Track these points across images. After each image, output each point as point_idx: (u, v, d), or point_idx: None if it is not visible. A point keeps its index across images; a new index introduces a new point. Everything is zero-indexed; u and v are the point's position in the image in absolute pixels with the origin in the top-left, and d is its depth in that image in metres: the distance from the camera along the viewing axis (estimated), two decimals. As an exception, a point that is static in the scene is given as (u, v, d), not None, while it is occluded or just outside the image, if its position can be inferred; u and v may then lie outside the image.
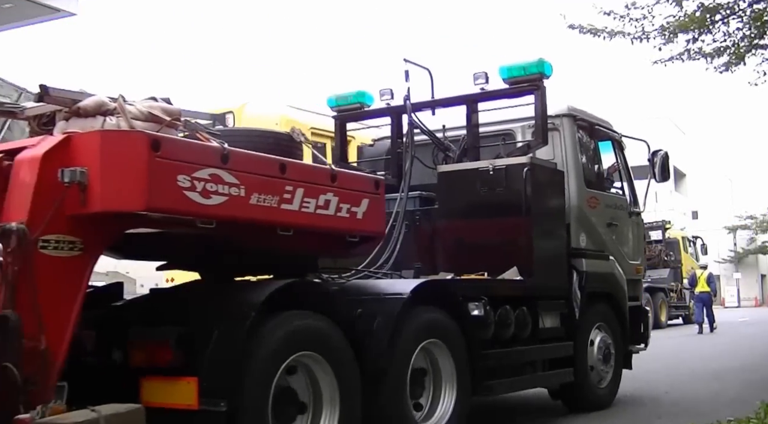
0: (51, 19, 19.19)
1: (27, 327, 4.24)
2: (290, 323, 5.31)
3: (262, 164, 5.27)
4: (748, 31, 12.54)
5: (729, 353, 16.15)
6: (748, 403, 7.45)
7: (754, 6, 12.14)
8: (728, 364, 13.07)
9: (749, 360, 14.34)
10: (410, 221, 8.14)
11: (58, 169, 4.50)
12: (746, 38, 12.60)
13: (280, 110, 13.30)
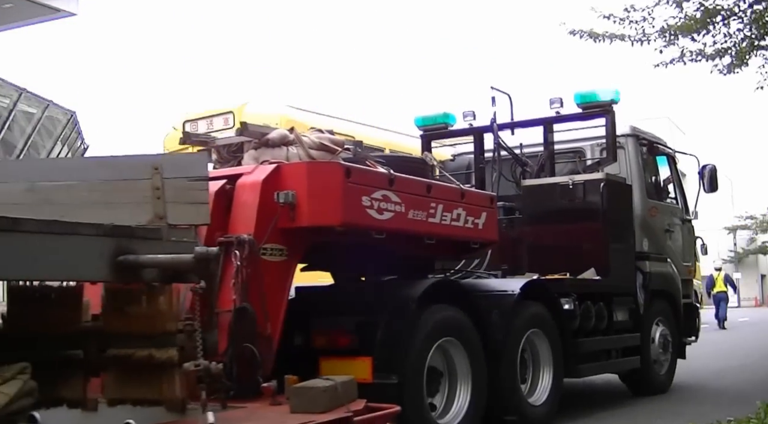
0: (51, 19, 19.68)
1: (273, 321, 5.49)
2: (437, 313, 6.56)
3: (415, 186, 6.53)
4: (749, 32, 12.34)
5: (729, 353, 15.75)
6: (748, 403, 7.30)
7: (754, 7, 11.97)
8: (728, 364, 12.90)
9: (749, 360, 14.21)
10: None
11: (274, 192, 5.74)
12: (747, 39, 12.40)
13: (280, 110, 12.98)
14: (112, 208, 4.87)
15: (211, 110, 13.19)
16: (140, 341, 4.55)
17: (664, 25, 12.15)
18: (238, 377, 5.28)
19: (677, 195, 11.07)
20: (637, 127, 10.23)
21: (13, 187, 5.00)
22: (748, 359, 14.47)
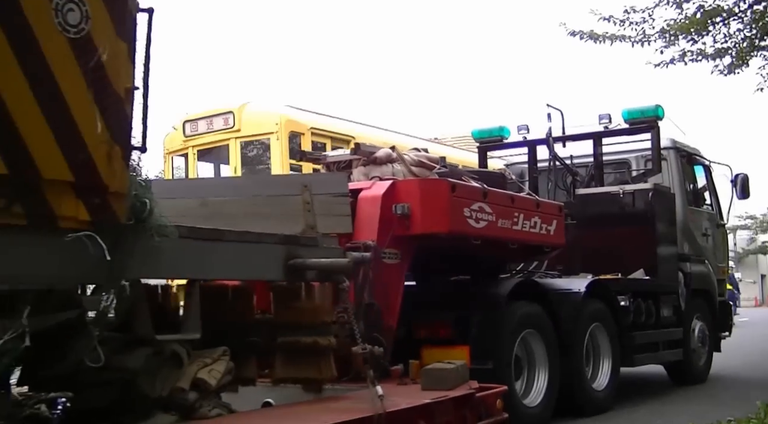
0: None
1: (386, 314, 6.47)
2: (521, 309, 7.55)
3: (502, 198, 7.52)
4: (749, 32, 12.42)
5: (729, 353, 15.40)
6: (748, 403, 7.31)
7: (754, 7, 12.09)
8: (728, 363, 12.75)
9: (749, 359, 14.19)
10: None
11: (391, 205, 6.72)
12: (747, 40, 12.50)
13: (280, 110, 13.07)
14: (271, 219, 5.86)
15: (211, 110, 13.36)
16: (304, 330, 5.54)
17: (664, 26, 12.23)
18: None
19: (712, 201, 12.05)
20: (676, 139, 11.19)
21: (189, 202, 6.00)
22: (748, 358, 14.42)
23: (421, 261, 8.18)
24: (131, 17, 4.37)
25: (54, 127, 3.96)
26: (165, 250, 4.48)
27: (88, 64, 4.11)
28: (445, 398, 5.53)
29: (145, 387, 4.61)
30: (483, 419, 5.87)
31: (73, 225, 4.08)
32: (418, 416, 5.24)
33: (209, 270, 4.98)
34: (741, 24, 12.43)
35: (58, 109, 3.98)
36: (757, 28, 12.27)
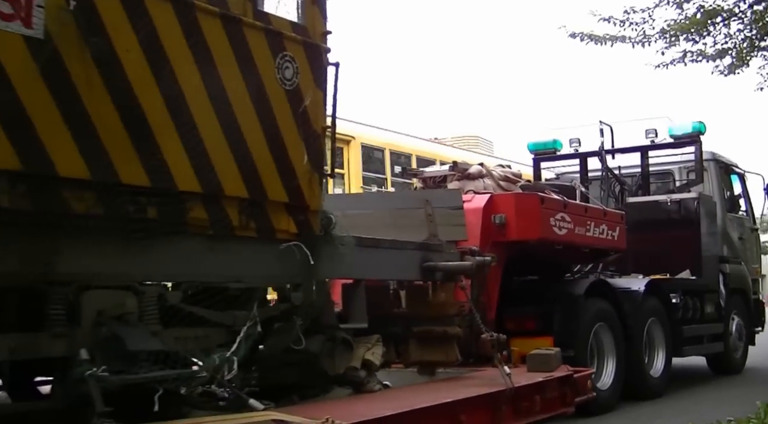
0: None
1: (487, 308, 7.59)
2: (595, 305, 8.68)
3: (579, 208, 8.65)
4: (749, 32, 12.43)
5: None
6: (748, 403, 7.35)
7: (754, 7, 12.13)
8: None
9: (750, 359, 13.84)
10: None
11: (490, 215, 7.85)
12: (747, 40, 12.51)
13: None
14: (399, 229, 6.97)
15: None
16: (434, 321, 6.67)
17: (664, 26, 12.23)
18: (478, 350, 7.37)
19: (747, 208, 13.17)
20: (715, 152, 12.31)
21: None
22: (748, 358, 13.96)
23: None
24: (325, 71, 5.52)
25: (277, 161, 5.12)
26: (344, 255, 5.62)
27: (298, 109, 5.27)
28: (552, 378, 6.66)
29: (326, 366, 5.73)
30: (578, 396, 6.99)
31: (285, 236, 5.23)
32: (534, 392, 6.38)
33: (371, 271, 6.13)
34: (741, 24, 12.46)
35: (280, 146, 5.13)
36: (757, 29, 12.32)
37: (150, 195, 4.36)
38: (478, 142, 25.22)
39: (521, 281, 9.30)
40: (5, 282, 3.80)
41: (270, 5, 5.28)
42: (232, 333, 4.87)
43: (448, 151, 16.88)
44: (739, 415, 6.82)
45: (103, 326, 4.11)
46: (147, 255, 4.37)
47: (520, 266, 9.39)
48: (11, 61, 3.75)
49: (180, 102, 4.51)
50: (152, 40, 4.37)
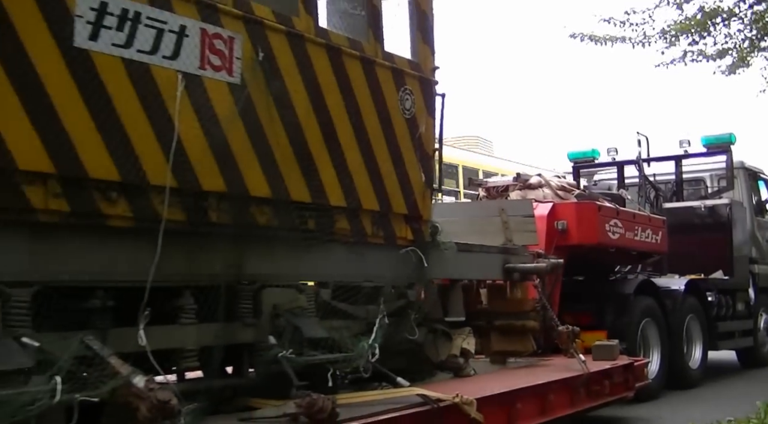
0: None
1: (553, 305, 8.51)
2: (643, 302, 9.60)
3: (628, 214, 9.57)
4: (749, 32, 12.45)
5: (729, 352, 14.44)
6: (748, 403, 7.35)
7: (754, 8, 12.14)
8: (728, 363, 12.85)
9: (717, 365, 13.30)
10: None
11: (553, 222, 8.77)
12: (748, 40, 12.53)
13: None
14: (480, 234, 7.88)
15: None
16: (514, 316, 7.59)
17: (664, 27, 12.30)
18: (545, 341, 8.30)
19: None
20: (744, 161, 13.21)
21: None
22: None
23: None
24: (434, 101, 6.45)
25: (400, 179, 6.05)
26: (448, 258, 6.55)
27: (415, 135, 6.20)
28: (617, 365, 7.59)
29: (430, 354, 6.65)
30: (638, 382, 7.92)
31: (403, 243, 6.16)
32: (604, 377, 7.31)
33: (466, 272, 7.06)
34: (741, 24, 12.51)
35: (402, 166, 6.07)
36: (757, 29, 12.41)
37: (311, 210, 5.29)
38: (478, 142, 26.10)
39: (574, 280, 10.20)
40: (212, 281, 4.71)
41: (390, 45, 6.21)
42: (366, 324, 5.78)
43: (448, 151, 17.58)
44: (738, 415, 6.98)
45: (280, 317, 5.03)
46: (307, 259, 5.31)
47: (570, 268, 10.32)
48: (220, 104, 4.69)
49: (331, 132, 5.45)
50: (312, 81, 5.31)
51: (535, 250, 8.51)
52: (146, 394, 3.73)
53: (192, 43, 4.52)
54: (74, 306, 4.09)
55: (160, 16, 4.36)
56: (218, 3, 4.70)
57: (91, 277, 4.13)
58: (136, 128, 4.24)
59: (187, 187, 4.47)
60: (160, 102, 4.37)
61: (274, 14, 5.08)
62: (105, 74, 4.10)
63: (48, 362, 3.65)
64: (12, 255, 3.80)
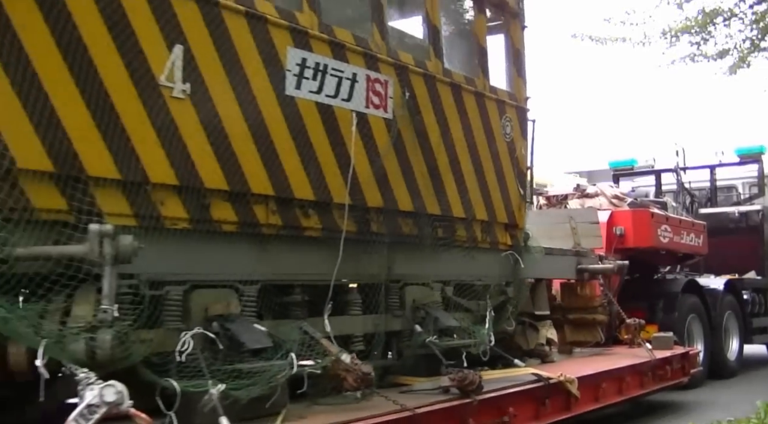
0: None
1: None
2: (689, 299, 10.67)
3: (675, 220, 10.64)
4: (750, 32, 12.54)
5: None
6: (748, 403, 7.44)
7: (754, 8, 12.25)
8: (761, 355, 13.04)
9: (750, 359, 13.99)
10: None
11: (612, 227, 9.84)
12: (748, 40, 12.62)
13: None
14: (552, 239, 8.93)
15: None
16: (585, 310, 8.65)
17: (665, 27, 12.54)
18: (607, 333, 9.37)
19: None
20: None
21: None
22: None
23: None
24: (527, 126, 7.53)
25: (502, 193, 7.12)
26: (537, 261, 7.62)
27: (513, 155, 7.27)
28: (676, 354, 8.66)
29: (520, 343, 7.73)
30: (693, 368, 9.00)
31: (503, 247, 7.23)
32: (666, 363, 8.38)
33: (549, 272, 8.13)
34: (742, 25, 12.63)
35: (504, 182, 7.14)
36: (758, 29, 12.56)
37: (440, 221, 6.37)
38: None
39: (626, 279, 11.27)
40: (372, 280, 5.78)
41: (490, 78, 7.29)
42: (477, 317, 6.85)
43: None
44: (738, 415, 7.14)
45: (420, 309, 6.11)
46: (436, 262, 6.38)
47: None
48: (379, 136, 5.77)
49: (454, 155, 6.53)
50: (441, 114, 6.39)
51: (597, 254, 9.58)
52: (353, 368, 4.81)
53: (361, 87, 5.61)
54: (281, 300, 5.19)
55: (339, 67, 5.45)
56: (377, 53, 5.78)
57: (294, 276, 5.21)
58: (325, 158, 5.33)
59: (357, 204, 5.55)
60: (340, 136, 5.45)
61: (414, 60, 6.17)
62: (305, 115, 5.19)
63: (275, 343, 4.73)
64: (244, 260, 4.88)
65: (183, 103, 4.45)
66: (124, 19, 4.17)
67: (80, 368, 3.54)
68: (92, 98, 4.02)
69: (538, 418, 6.17)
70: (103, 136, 4.07)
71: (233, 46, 4.74)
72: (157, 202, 4.33)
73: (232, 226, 4.76)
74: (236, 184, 4.73)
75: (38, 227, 3.78)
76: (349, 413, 4.73)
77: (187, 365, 4.24)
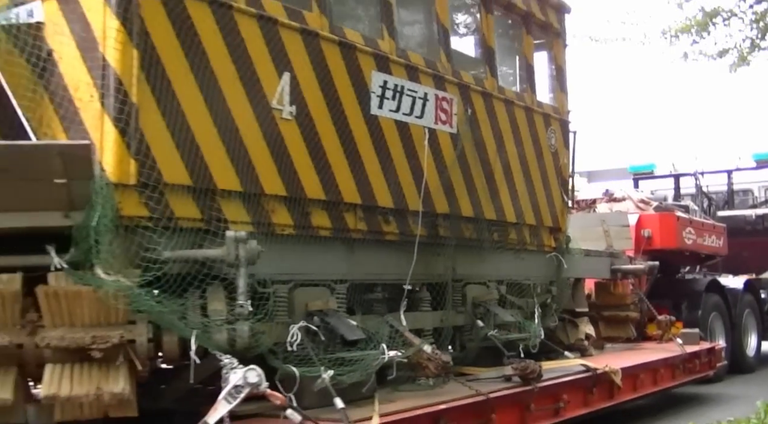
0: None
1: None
2: (712, 298, 11.27)
3: (698, 223, 11.25)
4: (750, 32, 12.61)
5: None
6: (748, 403, 7.48)
7: (754, 7, 12.32)
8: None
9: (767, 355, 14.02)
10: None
11: (640, 230, 10.45)
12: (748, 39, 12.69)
13: None
14: (587, 241, 9.52)
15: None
16: (617, 308, 9.25)
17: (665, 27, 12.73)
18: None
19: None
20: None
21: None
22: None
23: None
24: (568, 137, 8.13)
25: (548, 199, 7.73)
26: (577, 262, 8.23)
27: (557, 164, 7.88)
28: (704, 348, 9.26)
29: (561, 338, 8.32)
30: (718, 362, 9.60)
31: (548, 249, 7.84)
32: (695, 357, 8.98)
33: (588, 272, 8.73)
34: (742, 24, 12.71)
35: (549, 189, 7.75)
36: (758, 29, 12.66)
37: (495, 225, 6.98)
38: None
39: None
40: (438, 280, 6.39)
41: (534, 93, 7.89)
42: (527, 313, 7.45)
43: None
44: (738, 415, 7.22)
45: (478, 306, 6.72)
46: (491, 263, 6.99)
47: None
48: (445, 149, 6.37)
49: (507, 165, 7.13)
50: (496, 128, 7.00)
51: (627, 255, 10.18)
52: (434, 357, 5.43)
53: (431, 105, 6.22)
54: (366, 297, 5.80)
55: (414, 88, 6.06)
56: (444, 75, 6.39)
57: (376, 276, 5.83)
58: (402, 169, 5.94)
59: (428, 211, 6.16)
60: (413, 150, 6.06)
61: (474, 79, 6.78)
62: (386, 132, 5.81)
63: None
64: (337, 261, 5.49)
65: (290, 123, 5.06)
66: (245, 53, 4.79)
67: (224, 354, 4.15)
68: (221, 121, 4.64)
69: (587, 405, 6.79)
70: (229, 153, 4.68)
71: (329, 72, 5.36)
72: (269, 211, 4.94)
73: (327, 231, 5.37)
74: (331, 194, 5.34)
75: (179, 233, 4.39)
76: (432, 397, 5.34)
77: (295, 353, 4.85)
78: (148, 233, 4.20)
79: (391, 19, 5.94)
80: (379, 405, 4.93)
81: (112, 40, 4.17)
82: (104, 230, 3.99)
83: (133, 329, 4.07)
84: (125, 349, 4.02)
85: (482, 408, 5.48)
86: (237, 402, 4.04)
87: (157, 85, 4.32)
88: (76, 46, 4.31)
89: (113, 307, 4.00)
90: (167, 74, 4.37)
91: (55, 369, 4.01)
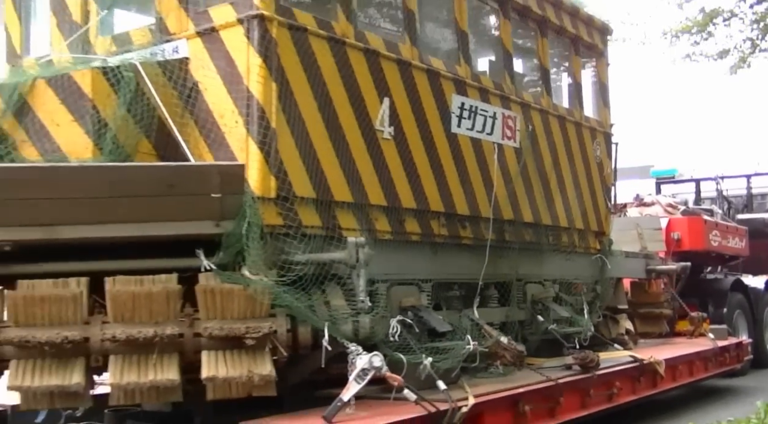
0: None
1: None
2: (735, 297, 11.98)
3: (723, 225, 11.96)
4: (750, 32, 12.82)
5: None
6: (748, 403, 7.57)
7: (755, 8, 12.54)
8: None
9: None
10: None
11: (670, 233, 11.17)
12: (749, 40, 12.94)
13: None
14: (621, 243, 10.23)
15: None
16: (652, 305, 9.96)
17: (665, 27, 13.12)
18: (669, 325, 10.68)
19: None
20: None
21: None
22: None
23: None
24: (611, 148, 8.86)
25: (594, 205, 8.45)
26: (618, 262, 8.95)
27: (602, 173, 8.61)
28: (732, 343, 9.98)
29: (604, 332, 9.04)
30: (746, 356, 10.33)
31: (593, 252, 8.56)
32: (725, 351, 9.70)
33: (624, 272, 9.45)
34: (742, 25, 12.99)
35: (595, 195, 8.47)
36: (758, 29, 12.97)
37: (551, 230, 7.71)
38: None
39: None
40: (503, 279, 7.11)
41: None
42: (576, 310, 8.17)
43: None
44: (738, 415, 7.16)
45: (537, 303, 7.45)
46: (546, 264, 7.72)
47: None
48: (510, 162, 7.10)
49: (560, 176, 7.86)
50: (551, 142, 7.72)
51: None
52: (510, 347, 6.15)
53: (498, 123, 6.95)
54: (446, 294, 6.54)
55: (486, 108, 6.79)
56: (509, 95, 7.12)
57: (455, 276, 6.56)
58: (475, 181, 6.67)
59: (497, 218, 6.89)
60: (485, 163, 6.79)
61: (533, 98, 7.51)
62: (463, 148, 6.54)
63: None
64: (424, 263, 6.22)
65: (389, 142, 5.80)
66: (354, 81, 5.53)
67: (350, 342, 4.88)
68: (336, 142, 5.37)
69: (635, 392, 7.53)
70: (342, 169, 5.42)
71: (419, 96, 6.09)
72: (373, 219, 5.68)
73: (417, 236, 6.11)
74: (421, 203, 6.08)
75: (306, 239, 5.11)
76: (508, 382, 6.08)
77: (394, 343, 5.57)
78: (285, 239, 4.93)
79: (467, 47, 6.67)
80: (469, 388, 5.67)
81: (256, 74, 4.90)
82: (252, 236, 4.72)
83: (276, 321, 4.79)
84: (270, 338, 4.75)
85: (552, 392, 6.21)
86: (364, 383, 4.78)
87: (290, 112, 5.05)
88: (222, 79, 5.04)
89: (258, 302, 4.73)
90: (297, 102, 5.10)
91: (211, 355, 4.74)
